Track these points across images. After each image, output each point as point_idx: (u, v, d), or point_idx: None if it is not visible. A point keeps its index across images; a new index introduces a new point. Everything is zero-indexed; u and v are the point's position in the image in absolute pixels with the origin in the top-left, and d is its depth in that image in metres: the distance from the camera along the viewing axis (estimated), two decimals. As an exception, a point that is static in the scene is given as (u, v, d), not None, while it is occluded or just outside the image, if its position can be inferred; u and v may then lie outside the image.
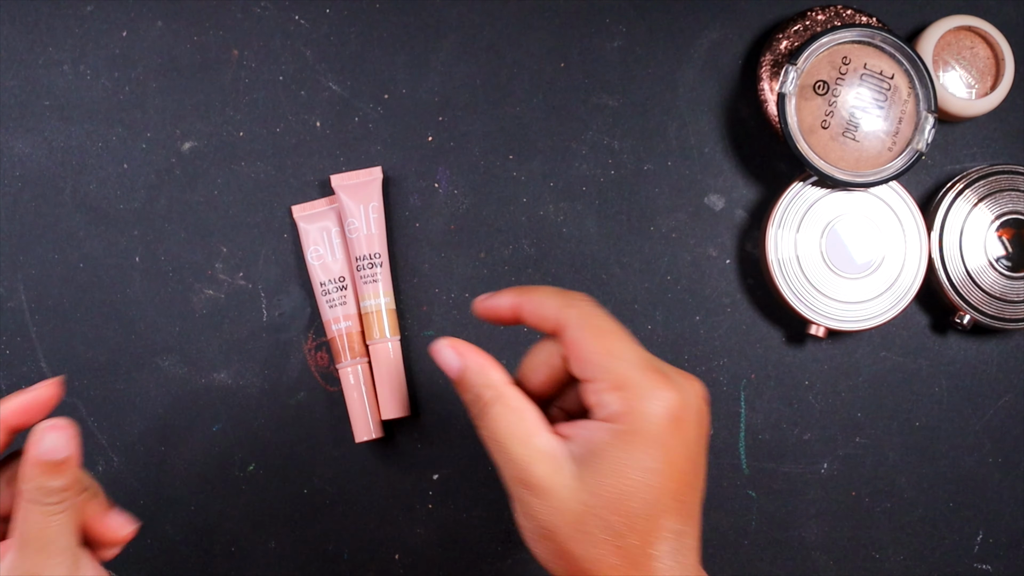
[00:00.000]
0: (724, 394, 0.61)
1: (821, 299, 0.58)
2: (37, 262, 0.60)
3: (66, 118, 0.61)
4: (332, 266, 0.60)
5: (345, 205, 0.59)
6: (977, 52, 0.60)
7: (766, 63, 0.60)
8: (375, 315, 0.59)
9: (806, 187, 0.59)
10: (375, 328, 0.59)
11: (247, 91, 0.61)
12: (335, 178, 0.60)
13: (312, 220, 0.60)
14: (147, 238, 0.61)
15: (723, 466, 0.61)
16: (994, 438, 0.61)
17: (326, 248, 0.60)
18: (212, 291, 0.61)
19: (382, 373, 0.59)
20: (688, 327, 0.61)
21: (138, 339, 0.60)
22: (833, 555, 0.60)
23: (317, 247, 0.60)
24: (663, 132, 0.61)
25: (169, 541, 0.60)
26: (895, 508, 0.61)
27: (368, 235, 0.59)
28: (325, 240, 0.60)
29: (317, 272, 0.60)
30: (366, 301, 0.59)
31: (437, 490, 0.61)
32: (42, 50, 0.61)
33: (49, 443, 0.40)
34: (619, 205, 0.61)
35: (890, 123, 0.57)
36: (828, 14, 0.60)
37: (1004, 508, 0.61)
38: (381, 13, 0.61)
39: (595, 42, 0.61)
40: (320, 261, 0.60)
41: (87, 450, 0.60)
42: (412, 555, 0.61)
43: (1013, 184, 0.59)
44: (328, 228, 0.60)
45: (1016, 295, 0.59)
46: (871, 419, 0.61)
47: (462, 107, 0.61)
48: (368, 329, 0.59)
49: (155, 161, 0.61)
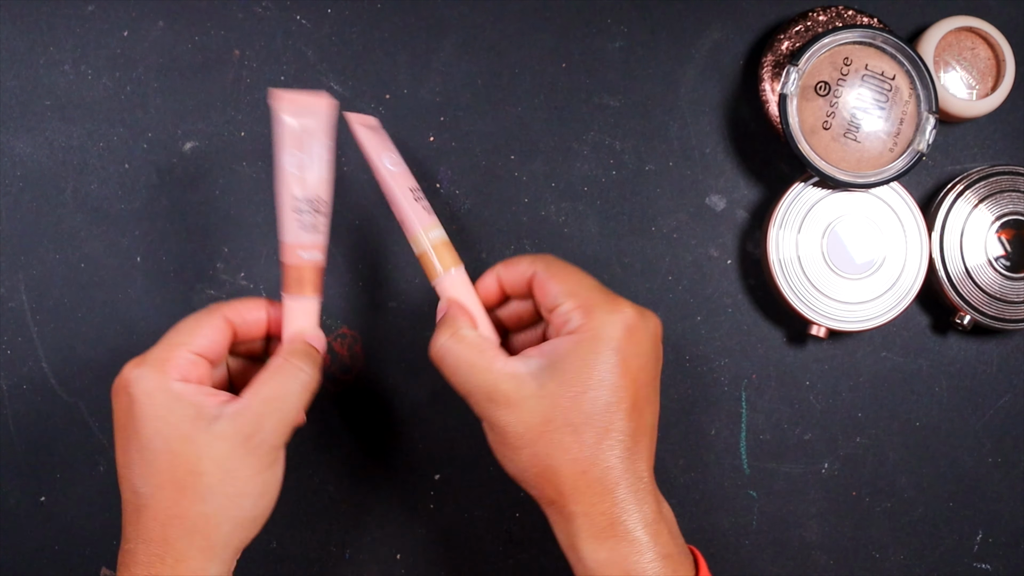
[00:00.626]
0: (725, 394, 0.61)
1: (822, 299, 0.59)
2: (38, 262, 0.60)
3: (67, 118, 0.61)
4: (311, 182, 0.50)
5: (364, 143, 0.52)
6: (978, 53, 0.60)
7: (767, 64, 0.60)
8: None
9: (807, 188, 0.59)
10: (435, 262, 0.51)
11: (248, 91, 0.61)
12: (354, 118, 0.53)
13: (300, 116, 0.49)
14: (148, 238, 0.61)
15: (724, 466, 0.61)
16: (994, 438, 0.61)
17: (311, 158, 0.49)
18: (214, 291, 0.61)
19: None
20: (689, 327, 0.61)
21: (139, 339, 0.60)
22: (833, 554, 0.61)
23: (297, 153, 0.49)
24: (664, 132, 0.61)
25: (171, 541, 0.60)
26: (895, 508, 0.61)
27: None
28: (310, 149, 0.50)
29: (291, 183, 0.49)
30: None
31: (439, 490, 0.61)
32: (43, 50, 0.61)
33: (312, 336, 0.49)
34: (620, 205, 0.61)
35: (891, 124, 0.57)
36: (829, 15, 0.60)
37: (1004, 508, 0.61)
38: (382, 13, 0.61)
39: (597, 42, 0.61)
40: (299, 171, 0.49)
41: (88, 450, 0.60)
42: (414, 555, 0.61)
43: (1014, 185, 0.59)
44: (316, 134, 0.49)
45: (1016, 296, 0.59)
46: (872, 419, 0.61)
47: (463, 107, 0.61)
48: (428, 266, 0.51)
49: (156, 161, 0.61)
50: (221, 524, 0.44)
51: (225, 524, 0.45)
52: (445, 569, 0.61)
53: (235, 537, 0.45)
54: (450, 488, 0.61)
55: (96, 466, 0.60)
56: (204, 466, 0.44)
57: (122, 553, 0.46)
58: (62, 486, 0.60)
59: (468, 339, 0.46)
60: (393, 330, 0.61)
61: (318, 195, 0.49)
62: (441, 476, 0.61)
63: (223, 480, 0.44)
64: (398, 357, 0.61)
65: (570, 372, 0.44)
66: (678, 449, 0.61)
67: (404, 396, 0.61)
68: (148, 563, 0.44)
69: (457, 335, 0.47)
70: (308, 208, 0.49)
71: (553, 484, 0.44)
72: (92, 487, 0.60)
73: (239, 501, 0.45)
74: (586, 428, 0.44)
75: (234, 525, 0.45)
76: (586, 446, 0.43)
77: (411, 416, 0.61)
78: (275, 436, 0.45)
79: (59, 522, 0.60)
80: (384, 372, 0.61)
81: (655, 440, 0.47)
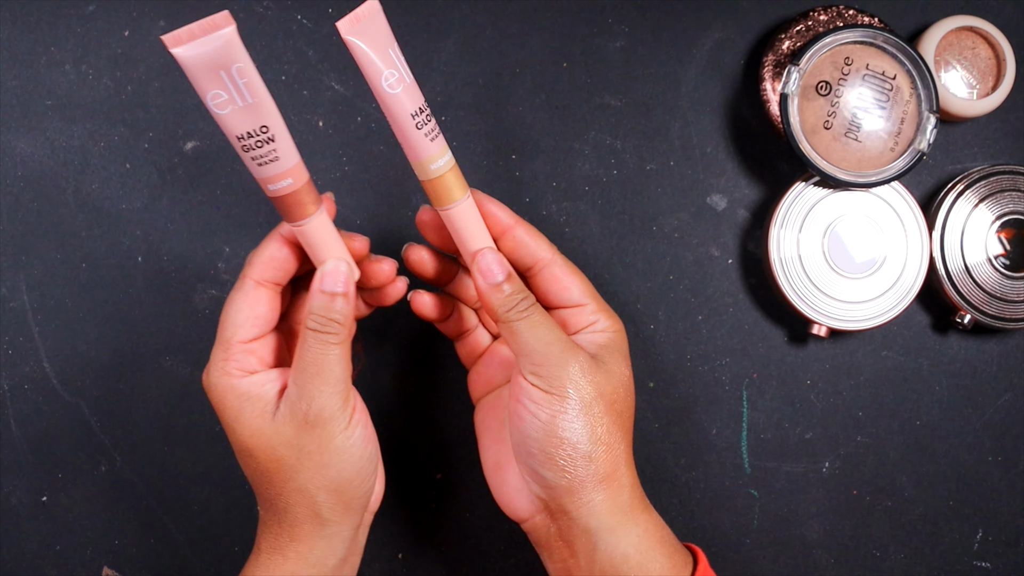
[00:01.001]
0: (726, 393, 0.61)
1: (823, 299, 0.59)
2: (39, 262, 0.60)
3: (68, 118, 0.61)
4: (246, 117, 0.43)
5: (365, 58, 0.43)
6: (978, 52, 0.60)
7: (768, 63, 0.60)
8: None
9: (808, 187, 0.59)
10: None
11: (249, 91, 0.61)
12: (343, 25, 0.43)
13: (198, 47, 0.41)
14: (149, 238, 0.61)
15: (725, 465, 0.61)
16: (994, 437, 0.61)
17: (230, 90, 0.42)
18: (215, 291, 0.61)
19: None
20: (690, 326, 0.61)
21: (141, 339, 0.60)
22: (834, 553, 0.61)
23: (219, 92, 0.42)
24: (666, 132, 0.61)
25: (173, 541, 0.60)
26: (896, 506, 0.61)
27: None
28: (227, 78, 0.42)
29: (229, 124, 0.43)
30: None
31: (440, 489, 0.61)
32: (44, 50, 0.61)
33: (329, 278, 0.46)
34: (622, 205, 0.61)
35: (892, 123, 0.58)
36: (830, 14, 0.60)
37: (1003, 506, 0.61)
38: (383, 13, 0.61)
39: (598, 42, 0.61)
40: (228, 108, 0.42)
41: (90, 450, 0.60)
42: (415, 554, 0.61)
43: (1014, 184, 0.59)
44: (225, 60, 0.41)
45: (1016, 295, 0.59)
46: (872, 418, 0.61)
47: (465, 107, 0.61)
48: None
49: (157, 161, 0.61)
50: (315, 494, 0.47)
51: (319, 493, 0.47)
52: (446, 569, 0.61)
53: (337, 502, 0.48)
54: (451, 488, 0.61)
55: (97, 465, 0.60)
56: (280, 452, 0.46)
57: (258, 510, 0.50)
58: (63, 486, 0.60)
59: (542, 310, 0.48)
60: (393, 330, 0.61)
61: (261, 125, 0.43)
62: (442, 476, 0.61)
63: (300, 458, 0.46)
64: (398, 357, 0.61)
65: (612, 364, 0.49)
66: (679, 448, 0.61)
67: (404, 396, 0.61)
68: (270, 524, 0.48)
69: (537, 304, 0.48)
70: (258, 141, 0.44)
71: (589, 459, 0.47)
72: (93, 487, 0.60)
73: (323, 472, 0.47)
74: (626, 409, 0.49)
75: (329, 493, 0.47)
76: (623, 423, 0.48)
77: (411, 416, 0.61)
78: (329, 404, 0.46)
79: (60, 522, 0.60)
80: (384, 372, 0.61)
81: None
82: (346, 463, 0.47)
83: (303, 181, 0.45)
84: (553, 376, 0.46)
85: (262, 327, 0.48)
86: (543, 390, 0.46)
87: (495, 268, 0.47)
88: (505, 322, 0.47)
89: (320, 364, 0.46)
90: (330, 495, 0.47)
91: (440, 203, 0.47)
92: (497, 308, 0.47)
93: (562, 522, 0.47)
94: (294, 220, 0.46)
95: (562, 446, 0.46)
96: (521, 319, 0.47)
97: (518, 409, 0.47)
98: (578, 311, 0.50)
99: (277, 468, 0.47)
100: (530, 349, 0.47)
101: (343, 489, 0.47)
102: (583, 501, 0.47)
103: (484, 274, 0.47)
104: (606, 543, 0.47)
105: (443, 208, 0.47)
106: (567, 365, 0.46)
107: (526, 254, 0.50)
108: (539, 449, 0.46)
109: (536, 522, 0.49)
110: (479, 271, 0.47)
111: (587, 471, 0.46)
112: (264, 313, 0.48)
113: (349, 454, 0.47)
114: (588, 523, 0.47)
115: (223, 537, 0.60)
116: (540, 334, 0.47)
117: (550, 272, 0.50)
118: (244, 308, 0.47)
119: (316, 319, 0.46)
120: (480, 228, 0.48)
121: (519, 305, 0.47)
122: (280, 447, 0.46)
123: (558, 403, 0.46)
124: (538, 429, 0.46)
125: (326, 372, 0.46)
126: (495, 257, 0.48)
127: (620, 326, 0.51)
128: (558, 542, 0.48)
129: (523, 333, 0.47)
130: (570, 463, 0.46)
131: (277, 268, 0.47)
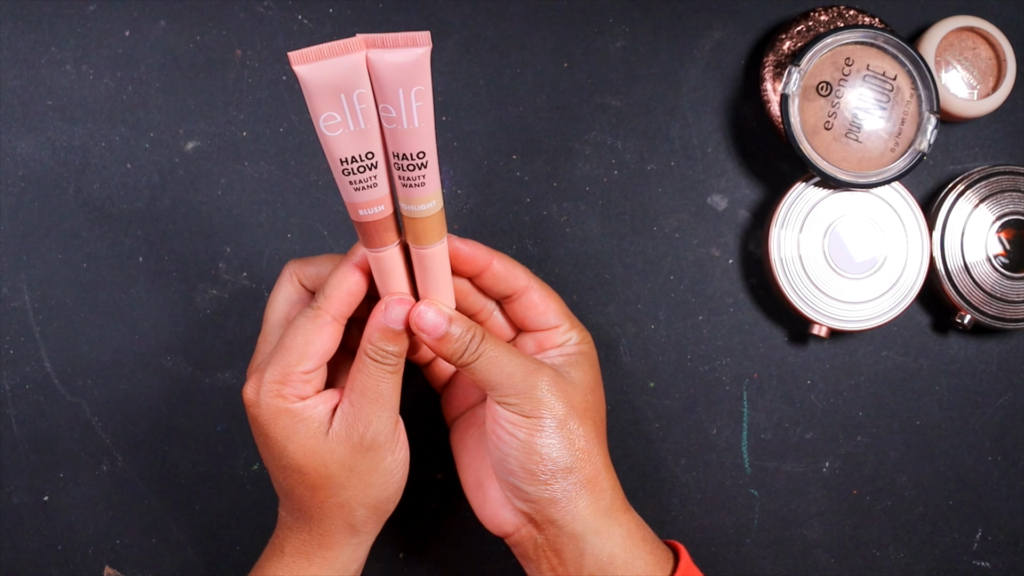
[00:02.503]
0: (727, 393, 0.61)
1: (823, 299, 0.59)
2: (40, 262, 0.60)
3: (69, 118, 0.61)
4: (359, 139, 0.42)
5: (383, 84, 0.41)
6: (979, 53, 0.60)
7: (769, 64, 0.60)
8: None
9: (809, 187, 0.59)
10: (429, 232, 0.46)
11: (250, 91, 0.61)
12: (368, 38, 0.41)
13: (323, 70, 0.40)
14: (150, 238, 0.61)
15: (726, 465, 0.61)
16: (994, 437, 0.61)
17: (345, 114, 0.41)
18: (216, 291, 0.61)
19: (439, 272, 0.48)
20: (691, 327, 0.61)
21: (142, 339, 0.60)
22: (834, 553, 0.61)
23: (333, 113, 0.41)
24: (666, 132, 0.61)
25: (174, 541, 0.60)
26: (896, 506, 0.61)
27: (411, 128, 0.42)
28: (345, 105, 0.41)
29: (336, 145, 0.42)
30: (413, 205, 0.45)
31: (440, 489, 0.61)
32: (44, 50, 0.61)
33: (394, 314, 0.47)
34: (622, 205, 0.61)
35: (892, 124, 0.58)
36: (831, 15, 0.60)
37: (1003, 506, 0.61)
38: (384, 13, 0.61)
39: (598, 42, 0.61)
40: (339, 131, 0.42)
41: (91, 450, 0.60)
42: (416, 554, 0.61)
43: (1014, 185, 0.59)
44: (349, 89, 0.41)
45: (1016, 295, 0.59)
46: (872, 418, 0.61)
47: (465, 107, 0.61)
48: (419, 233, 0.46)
49: (158, 161, 0.61)
50: (356, 509, 0.49)
51: (360, 509, 0.49)
52: (447, 568, 0.61)
53: (372, 516, 0.50)
54: (451, 488, 0.61)
55: (99, 465, 0.60)
56: (331, 469, 0.48)
57: (280, 512, 0.51)
58: (65, 485, 0.60)
59: (496, 339, 0.49)
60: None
61: (367, 151, 0.43)
62: (442, 476, 0.61)
63: (349, 477, 0.48)
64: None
65: (583, 375, 0.50)
66: (680, 448, 0.61)
67: (405, 396, 0.61)
68: (298, 530, 0.50)
69: (487, 336, 0.48)
70: (360, 167, 0.43)
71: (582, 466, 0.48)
72: (95, 486, 0.60)
73: (368, 491, 0.49)
74: (598, 418, 0.50)
75: (369, 509, 0.49)
76: (598, 431, 0.50)
77: (411, 416, 0.61)
78: (384, 429, 0.48)
79: (62, 521, 0.60)
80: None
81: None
82: (390, 483, 0.49)
83: (391, 210, 0.45)
84: (524, 401, 0.47)
85: (325, 358, 0.48)
86: (517, 414, 0.47)
87: (435, 321, 0.47)
88: (462, 366, 0.48)
89: (378, 391, 0.47)
90: (368, 510, 0.49)
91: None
92: (451, 357, 0.47)
93: (549, 531, 0.48)
94: (374, 246, 0.46)
95: (543, 463, 0.47)
96: (477, 359, 0.47)
97: (496, 430, 0.48)
98: (554, 332, 0.52)
99: (325, 484, 0.48)
100: (495, 383, 0.47)
101: (381, 505, 0.50)
102: (568, 509, 0.47)
103: (428, 331, 0.47)
104: (593, 546, 0.48)
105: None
106: (535, 388, 0.47)
107: (504, 287, 0.51)
108: (520, 467, 0.47)
109: (522, 535, 0.49)
110: (423, 330, 0.47)
111: (569, 482, 0.47)
112: (332, 347, 0.48)
113: (393, 475, 0.49)
114: (575, 529, 0.48)
115: (224, 536, 0.60)
116: (499, 367, 0.47)
117: (528, 299, 0.51)
118: (316, 342, 0.47)
119: (375, 350, 0.47)
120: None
121: (469, 347, 0.47)
122: (332, 465, 0.48)
123: (535, 423, 0.47)
124: (517, 448, 0.47)
125: (384, 399, 0.48)
126: (430, 309, 0.47)
127: (589, 338, 0.52)
128: (546, 551, 0.49)
129: (482, 371, 0.47)
130: (552, 477, 0.47)
131: (354, 302, 0.48)
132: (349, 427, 0.47)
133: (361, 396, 0.47)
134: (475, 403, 0.54)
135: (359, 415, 0.47)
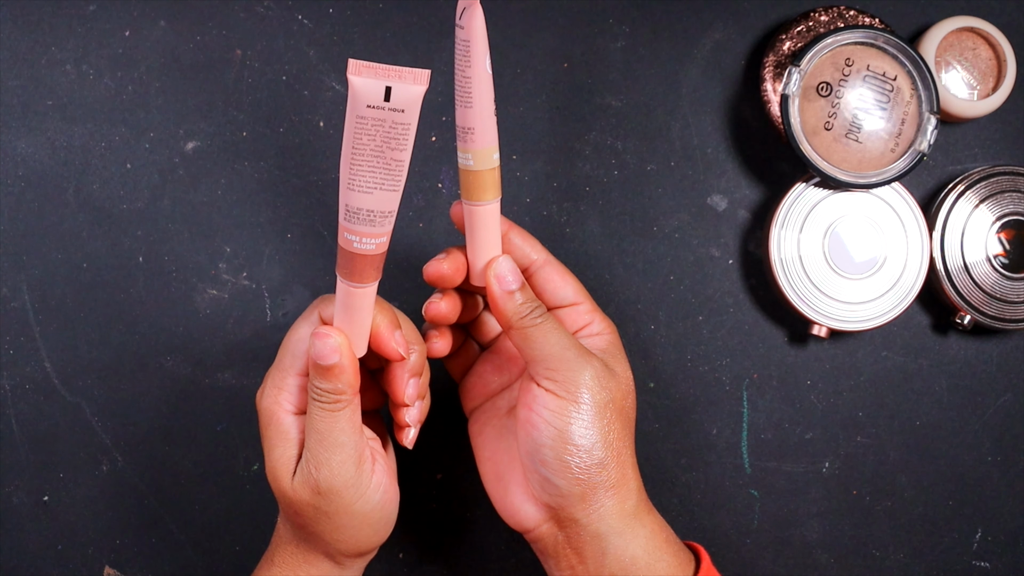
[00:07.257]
0: (727, 393, 0.61)
1: (823, 299, 0.59)
2: (40, 262, 0.60)
3: (69, 118, 0.61)
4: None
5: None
6: (979, 53, 0.60)
7: (769, 64, 0.60)
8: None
9: (809, 188, 0.59)
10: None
11: (250, 91, 0.61)
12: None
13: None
14: (150, 238, 0.61)
15: (726, 465, 0.61)
16: (993, 437, 0.61)
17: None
18: (216, 291, 0.61)
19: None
20: (691, 327, 0.61)
21: (142, 339, 0.60)
22: (834, 553, 0.61)
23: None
24: (666, 133, 0.61)
25: (174, 541, 0.60)
26: (895, 507, 0.61)
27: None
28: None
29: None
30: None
31: (441, 489, 0.61)
32: (44, 50, 0.61)
33: (316, 348, 0.45)
34: (622, 205, 0.61)
35: (892, 124, 0.58)
36: (831, 15, 0.60)
37: (1003, 506, 0.61)
38: (384, 13, 0.61)
39: (598, 43, 0.61)
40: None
41: (91, 450, 0.60)
42: (416, 554, 0.61)
43: (1014, 185, 0.59)
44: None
45: (1016, 296, 0.59)
46: (872, 418, 0.61)
47: (465, 107, 0.61)
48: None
49: (158, 161, 0.61)
50: (333, 544, 0.48)
51: (338, 544, 0.48)
52: (446, 569, 0.61)
53: (356, 550, 0.49)
54: (451, 488, 0.61)
55: (99, 465, 0.60)
56: (298, 507, 0.47)
57: (278, 521, 0.51)
58: (65, 486, 0.60)
59: (554, 319, 0.49)
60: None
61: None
62: (442, 476, 0.61)
63: (317, 518, 0.47)
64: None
65: (616, 365, 0.49)
66: (680, 448, 0.61)
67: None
68: (288, 540, 0.50)
69: (550, 314, 0.48)
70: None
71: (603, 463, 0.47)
72: (95, 487, 0.60)
73: (340, 532, 0.47)
74: (631, 409, 0.50)
75: (347, 544, 0.48)
76: (628, 424, 0.49)
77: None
78: (342, 472, 0.46)
79: (62, 521, 0.60)
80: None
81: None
82: (363, 526, 0.48)
83: (384, 248, 0.45)
84: (568, 380, 0.46)
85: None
86: (557, 395, 0.46)
87: (510, 276, 0.47)
88: (519, 328, 0.47)
89: (324, 432, 0.46)
90: (347, 547, 0.48)
91: (474, 197, 0.47)
92: (511, 315, 0.47)
93: (571, 530, 0.47)
94: (354, 281, 0.45)
95: (577, 453, 0.46)
96: (534, 326, 0.47)
97: (531, 417, 0.47)
98: (573, 310, 0.51)
99: (295, 517, 0.48)
100: (545, 354, 0.47)
101: (360, 545, 0.48)
102: (594, 508, 0.47)
103: (500, 280, 0.47)
104: (615, 547, 0.47)
105: (475, 204, 0.47)
106: (582, 371, 0.47)
107: (520, 256, 0.50)
108: (554, 457, 0.46)
109: (543, 531, 0.48)
110: (495, 277, 0.47)
111: (600, 478, 0.47)
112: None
113: (366, 518, 0.47)
114: (598, 528, 0.47)
115: (224, 536, 0.60)
116: (555, 339, 0.47)
117: (545, 273, 0.51)
118: (307, 339, 0.47)
119: (310, 387, 0.46)
120: (497, 235, 0.49)
121: (532, 313, 0.47)
122: (297, 504, 0.47)
123: (573, 409, 0.46)
124: (553, 437, 0.46)
125: (330, 440, 0.46)
126: (510, 266, 0.48)
127: (614, 328, 0.51)
128: (566, 549, 0.48)
129: (537, 339, 0.47)
130: (584, 471, 0.46)
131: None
132: (305, 470, 0.46)
133: (309, 437, 0.46)
134: (495, 392, 0.53)
135: (309, 457, 0.46)
